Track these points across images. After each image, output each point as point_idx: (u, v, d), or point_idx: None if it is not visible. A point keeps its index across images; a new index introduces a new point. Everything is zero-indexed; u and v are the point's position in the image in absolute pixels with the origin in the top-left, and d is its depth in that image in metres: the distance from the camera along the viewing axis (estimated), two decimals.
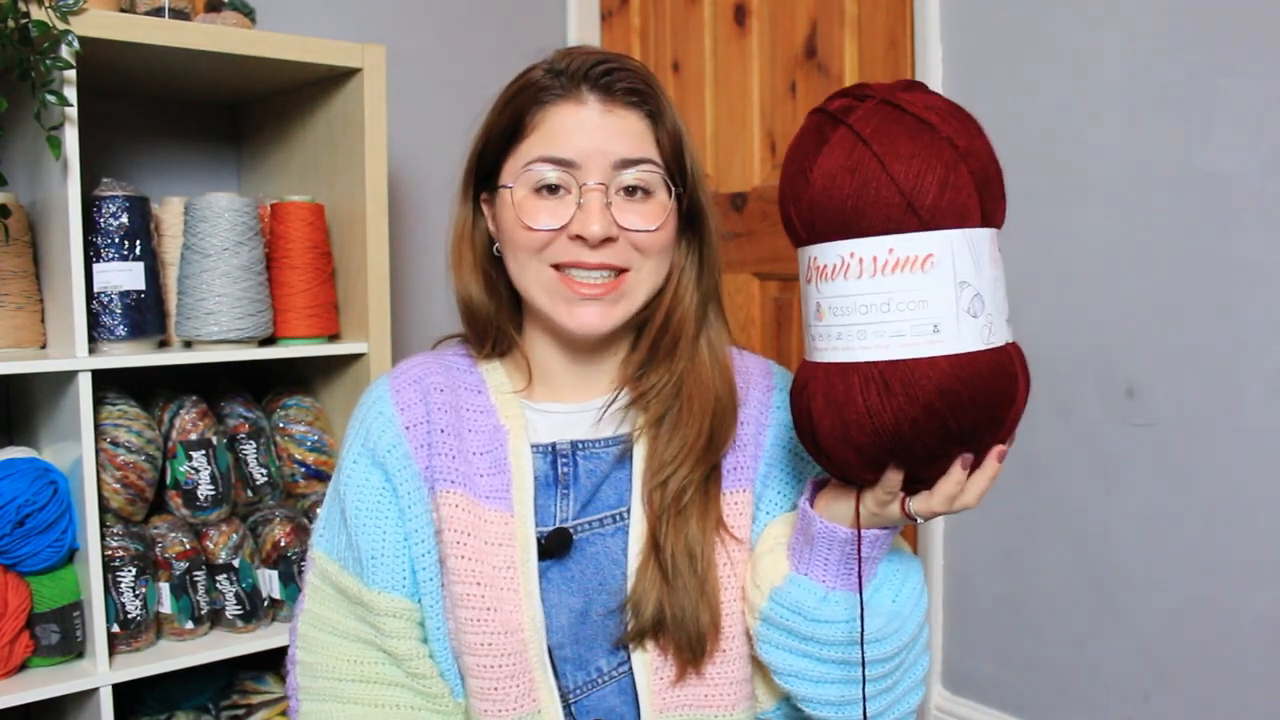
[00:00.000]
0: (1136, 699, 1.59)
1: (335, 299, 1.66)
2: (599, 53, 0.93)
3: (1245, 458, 1.45)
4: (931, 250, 0.73)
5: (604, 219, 0.89)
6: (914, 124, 0.75)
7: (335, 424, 1.69)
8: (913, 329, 0.74)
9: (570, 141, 0.89)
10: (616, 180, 0.90)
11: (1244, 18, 1.42)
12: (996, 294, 0.76)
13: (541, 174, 0.90)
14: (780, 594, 0.87)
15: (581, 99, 0.90)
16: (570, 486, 0.96)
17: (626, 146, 0.90)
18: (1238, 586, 1.47)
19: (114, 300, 1.45)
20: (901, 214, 0.73)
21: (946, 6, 1.77)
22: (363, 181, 1.58)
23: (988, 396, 0.75)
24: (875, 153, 0.74)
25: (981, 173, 0.75)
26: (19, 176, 1.49)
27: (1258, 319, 1.43)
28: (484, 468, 0.94)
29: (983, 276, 0.75)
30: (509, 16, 2.24)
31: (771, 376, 1.03)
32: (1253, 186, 1.43)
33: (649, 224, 0.91)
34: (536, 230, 0.90)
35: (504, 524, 0.92)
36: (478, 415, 0.97)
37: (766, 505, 0.97)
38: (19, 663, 1.38)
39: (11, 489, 1.35)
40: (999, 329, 0.76)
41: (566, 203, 0.90)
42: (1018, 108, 1.69)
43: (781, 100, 2.08)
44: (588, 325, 0.91)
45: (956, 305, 0.74)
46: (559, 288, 0.91)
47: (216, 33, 1.45)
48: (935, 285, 0.73)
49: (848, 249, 0.75)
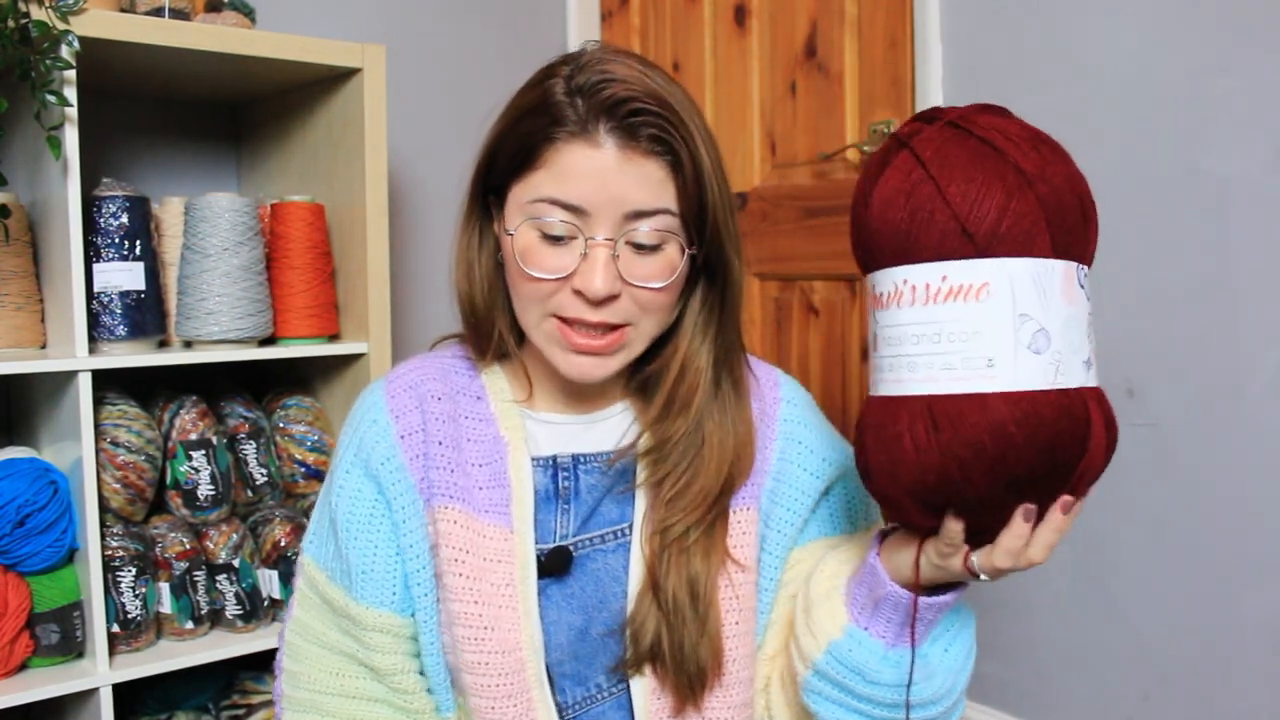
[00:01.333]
0: (1136, 699, 1.59)
1: (335, 299, 1.66)
2: (624, 81, 0.82)
3: (1245, 458, 1.45)
4: (987, 279, 0.68)
5: (608, 275, 0.83)
6: (978, 146, 0.71)
7: (335, 424, 1.69)
8: (964, 361, 0.69)
9: (580, 187, 0.82)
10: (626, 233, 0.83)
11: (1244, 18, 1.42)
12: (1070, 333, 0.70)
13: (547, 218, 0.83)
14: (839, 650, 0.83)
15: (597, 140, 0.82)
16: (571, 501, 0.92)
17: (641, 197, 0.83)
18: (1238, 586, 1.47)
19: (114, 300, 1.45)
20: (956, 240, 0.69)
21: (946, 6, 1.77)
22: (363, 181, 1.58)
23: (1049, 441, 0.68)
24: (932, 175, 0.70)
25: (1054, 201, 0.70)
26: (19, 176, 1.49)
27: (1258, 319, 1.43)
28: (483, 480, 0.90)
29: (1050, 311, 0.69)
30: (509, 16, 2.24)
31: (779, 388, 0.99)
32: (1253, 186, 1.43)
33: (654, 279, 0.85)
34: (539, 279, 0.85)
35: (503, 540, 0.89)
36: (477, 424, 0.93)
37: (776, 523, 0.94)
38: (19, 663, 1.38)
39: (11, 489, 1.35)
40: (1071, 370, 0.70)
41: (571, 250, 0.84)
42: (1018, 108, 1.68)
43: (781, 100, 2.08)
44: (583, 375, 0.87)
45: (1015, 339, 0.68)
46: (556, 336, 0.86)
47: (216, 33, 1.45)
48: (991, 316, 0.68)
49: (901, 276, 0.71)
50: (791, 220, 2.04)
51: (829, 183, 1.99)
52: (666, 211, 0.84)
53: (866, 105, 1.92)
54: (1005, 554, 0.73)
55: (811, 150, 2.02)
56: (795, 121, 2.05)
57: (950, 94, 1.78)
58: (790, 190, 2.05)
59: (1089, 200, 0.73)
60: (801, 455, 0.96)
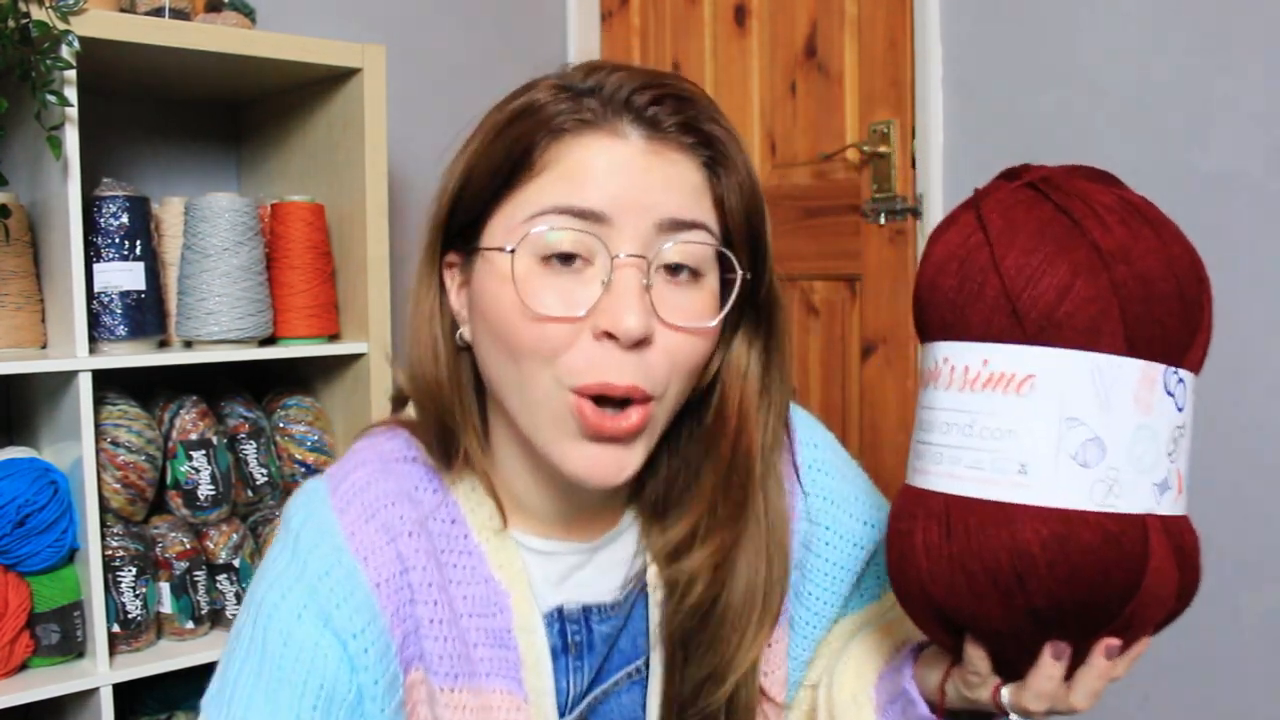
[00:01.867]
0: (1136, 699, 1.59)
1: (335, 299, 1.66)
2: (642, 72, 0.66)
3: (1245, 457, 1.45)
4: (1033, 371, 0.57)
5: (643, 307, 0.62)
6: (1052, 214, 0.60)
7: (335, 424, 1.69)
8: (993, 463, 0.58)
9: (599, 186, 0.63)
10: (658, 253, 0.63)
11: (1244, 18, 1.42)
12: (1140, 447, 0.58)
13: (554, 231, 0.63)
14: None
15: (619, 131, 0.64)
16: (584, 656, 0.74)
17: (677, 203, 0.64)
18: (1238, 586, 1.47)
19: (114, 300, 1.45)
20: (1004, 319, 0.58)
21: (946, 6, 1.77)
22: (363, 181, 1.58)
23: (1086, 572, 0.57)
24: (990, 241, 0.60)
25: (1137, 288, 0.58)
26: (19, 176, 1.49)
27: (1258, 319, 1.43)
28: (480, 636, 0.70)
29: (1111, 418, 0.57)
30: (509, 16, 2.24)
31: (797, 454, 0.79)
32: (1253, 186, 1.43)
33: (698, 319, 0.64)
34: (548, 319, 0.62)
35: (515, 709, 0.70)
36: (461, 560, 0.70)
37: (801, 627, 0.79)
38: (19, 663, 1.37)
39: (11, 489, 1.35)
40: (1131, 492, 0.58)
41: (586, 279, 0.63)
42: (1018, 108, 1.69)
43: (781, 100, 2.08)
44: (600, 476, 0.64)
45: (1058, 446, 0.57)
46: (572, 420, 0.63)
47: (216, 33, 1.45)
48: (1031, 415, 0.57)
49: (943, 353, 0.61)
50: (791, 220, 2.04)
51: (829, 183, 1.99)
52: (704, 226, 0.65)
53: (866, 105, 1.92)
54: (1036, 697, 0.61)
55: (811, 150, 2.02)
56: (795, 121, 2.05)
57: (950, 94, 1.78)
58: (790, 190, 2.05)
59: (1195, 293, 0.60)
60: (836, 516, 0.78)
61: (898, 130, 1.85)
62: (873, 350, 1.89)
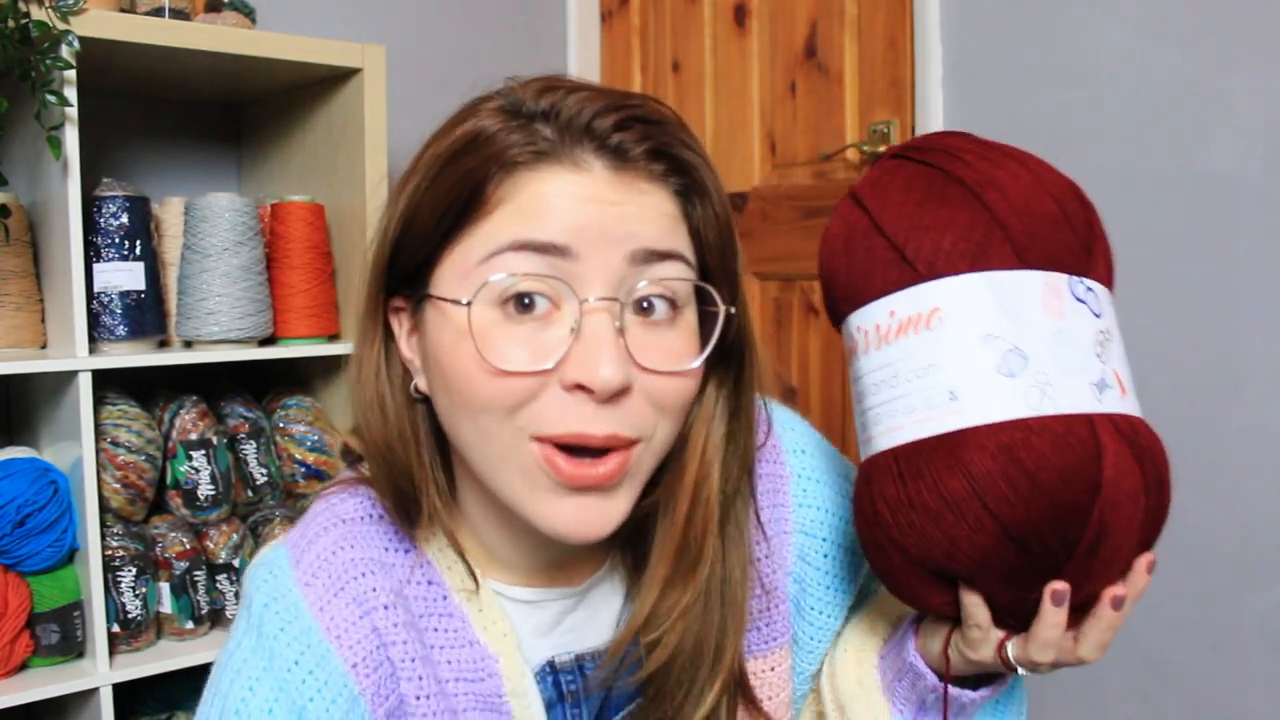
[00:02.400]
0: (1136, 699, 1.59)
1: (335, 299, 1.66)
2: (603, 92, 0.59)
3: (1245, 458, 1.45)
4: (937, 303, 0.58)
5: (618, 356, 0.56)
6: (917, 169, 0.62)
7: (335, 424, 1.69)
8: (925, 401, 0.58)
9: (561, 220, 0.56)
10: (631, 288, 0.58)
11: (1244, 18, 1.42)
12: (1063, 350, 0.59)
13: (513, 273, 0.56)
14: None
15: (580, 162, 0.58)
16: (581, 705, 0.70)
17: (650, 233, 0.58)
18: (1237, 586, 1.47)
19: (114, 300, 1.45)
20: (897, 269, 0.60)
21: (946, 6, 1.77)
22: (363, 181, 1.58)
23: (1046, 479, 0.56)
24: (867, 209, 0.62)
25: (1013, 207, 0.60)
26: (19, 176, 1.49)
27: (1258, 319, 1.43)
28: (468, 701, 0.65)
29: (1024, 327, 0.58)
30: (509, 16, 2.24)
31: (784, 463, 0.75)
32: (1253, 186, 1.43)
33: (678, 361, 0.59)
34: (509, 374, 0.56)
35: None
36: (441, 623, 0.65)
37: (806, 643, 0.76)
38: (19, 663, 1.37)
39: (11, 489, 1.35)
40: (1066, 393, 0.58)
41: (552, 326, 0.57)
42: (1018, 108, 1.69)
43: (781, 100, 2.08)
44: (580, 531, 0.59)
45: (980, 363, 0.57)
46: (541, 472, 0.58)
47: (216, 33, 1.45)
48: (947, 343, 0.58)
49: (855, 324, 0.62)
50: (791, 220, 2.04)
51: (829, 183, 1.99)
52: (681, 258, 0.60)
53: (866, 105, 1.92)
54: (1042, 647, 0.60)
55: (811, 150, 2.02)
56: (795, 121, 2.05)
57: (950, 94, 1.78)
58: (790, 190, 2.05)
59: (1078, 208, 0.63)
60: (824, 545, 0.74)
61: (898, 130, 1.85)
62: None
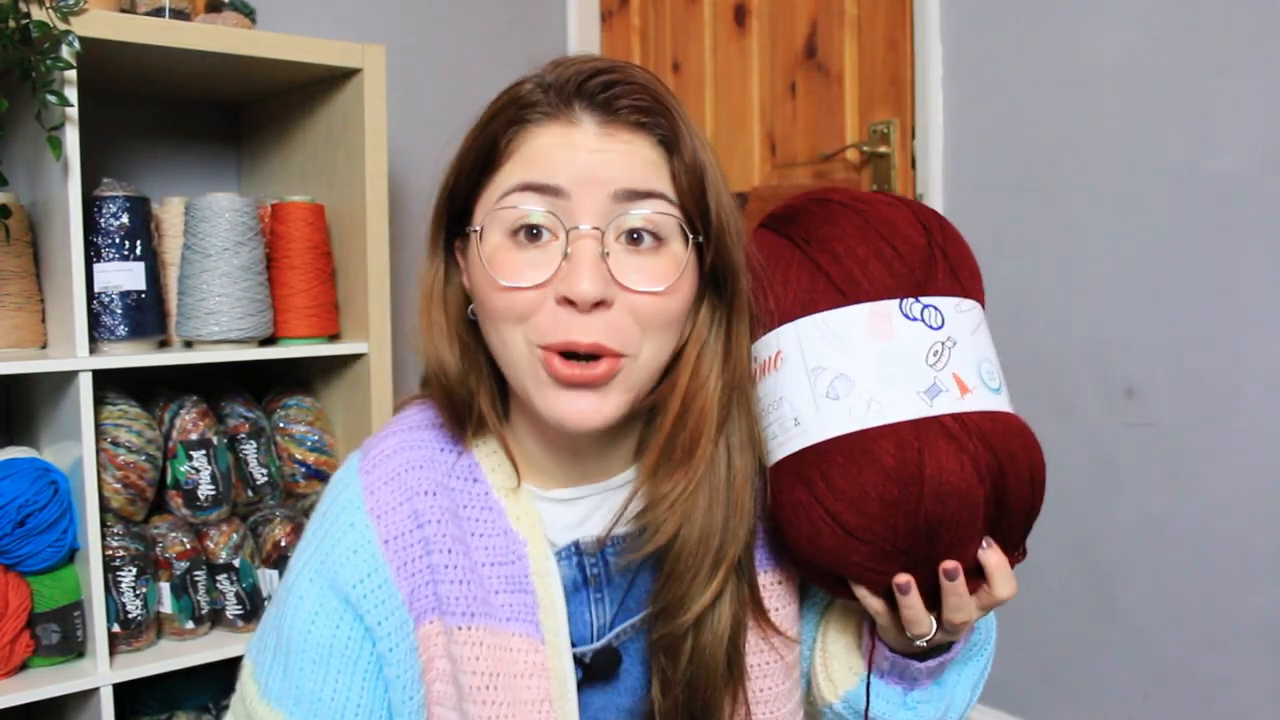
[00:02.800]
0: (1136, 699, 1.59)
1: (335, 299, 1.66)
2: (597, 61, 0.74)
3: (1245, 458, 1.45)
4: (780, 347, 0.73)
5: (597, 274, 0.68)
6: (766, 236, 0.77)
7: (335, 424, 1.69)
8: (781, 428, 0.73)
9: (556, 165, 0.70)
10: (617, 222, 0.70)
11: (1244, 18, 1.42)
12: (885, 369, 0.69)
13: (519, 208, 0.70)
14: (855, 700, 0.80)
15: (573, 119, 0.71)
16: (603, 589, 0.80)
17: (631, 175, 0.70)
18: (1237, 586, 1.47)
19: (114, 300, 1.45)
20: (756, 327, 0.75)
21: (946, 6, 1.77)
22: (363, 181, 1.58)
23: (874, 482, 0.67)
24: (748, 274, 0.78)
25: (833, 256, 0.72)
26: (19, 177, 1.49)
27: (1258, 319, 1.43)
28: (499, 583, 0.77)
29: (850, 355, 0.70)
30: (509, 16, 2.24)
31: None
32: (1253, 186, 1.43)
33: (656, 283, 0.71)
34: (513, 289, 0.70)
35: (533, 652, 0.77)
36: (481, 514, 0.78)
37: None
38: (19, 663, 1.38)
39: (12, 489, 1.35)
40: (890, 405, 0.68)
41: (551, 252, 0.70)
42: (1018, 108, 1.69)
43: (781, 100, 2.08)
44: (576, 419, 0.71)
45: (812, 393, 0.70)
46: (540, 371, 0.71)
47: (216, 33, 1.45)
48: (788, 379, 0.72)
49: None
50: None
51: (829, 183, 1.99)
52: (661, 196, 0.71)
53: (866, 105, 1.92)
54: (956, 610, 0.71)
55: (811, 150, 2.02)
56: (795, 121, 2.05)
57: (950, 94, 1.78)
58: (790, 190, 2.05)
59: (911, 236, 0.73)
60: None
61: (898, 130, 1.85)
62: None
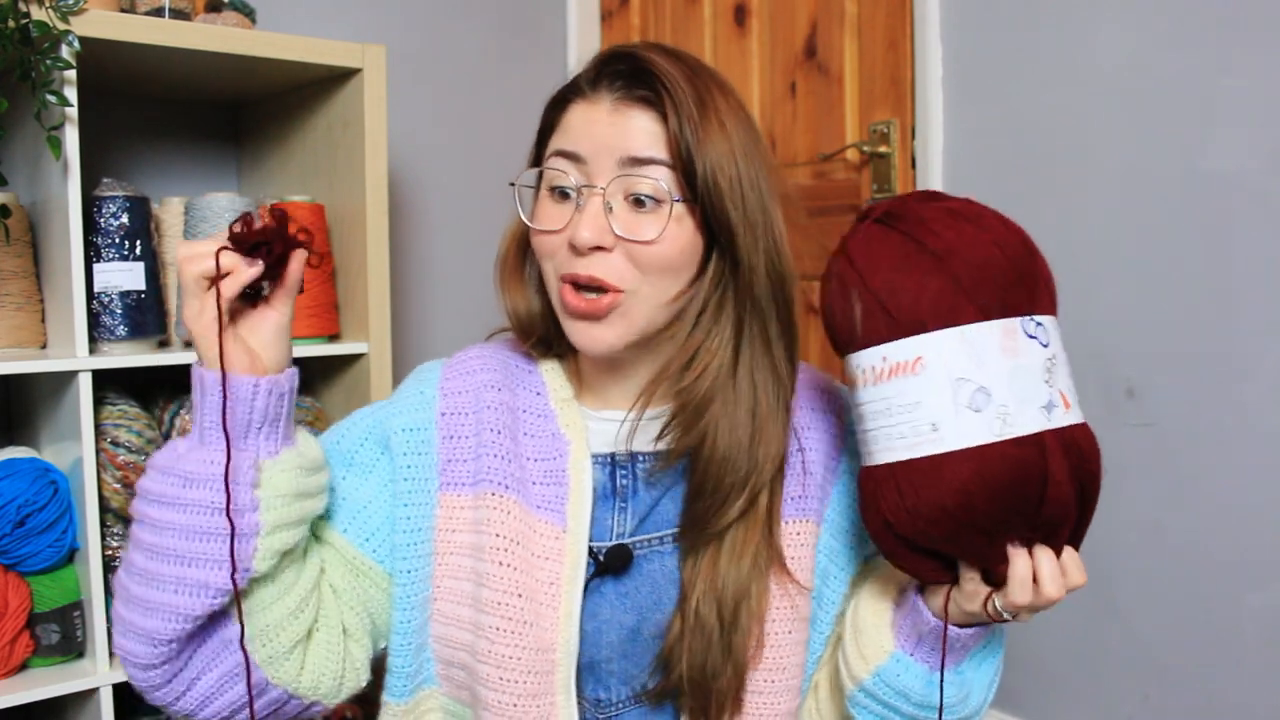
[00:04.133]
0: (1136, 699, 1.59)
1: (335, 299, 1.66)
2: (625, 47, 0.87)
3: (1245, 458, 1.45)
4: (920, 354, 0.76)
5: (596, 225, 0.83)
6: (896, 238, 0.79)
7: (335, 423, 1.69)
8: (913, 430, 0.76)
9: (580, 136, 0.85)
10: (623, 184, 0.84)
11: (1245, 17, 1.42)
12: (1017, 384, 0.75)
13: (555, 170, 0.86)
14: (887, 674, 0.85)
15: (596, 96, 0.86)
16: (628, 500, 0.91)
17: (633, 145, 0.84)
18: (1237, 586, 1.47)
19: (114, 300, 1.45)
20: (885, 325, 0.77)
21: (946, 6, 1.77)
22: (363, 181, 1.58)
23: (1005, 488, 0.74)
24: (859, 270, 0.79)
25: (973, 272, 0.76)
26: (19, 176, 1.49)
27: (1258, 319, 1.43)
28: (538, 475, 0.89)
29: (987, 369, 0.75)
30: (509, 16, 2.24)
31: (843, 399, 0.98)
32: (1253, 186, 1.43)
33: (645, 234, 0.83)
34: (543, 232, 0.86)
35: (554, 538, 0.88)
36: (535, 419, 0.92)
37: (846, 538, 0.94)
38: (19, 663, 1.38)
39: (12, 489, 1.35)
40: (1020, 419, 0.75)
41: (572, 206, 0.86)
42: (1018, 108, 1.69)
43: (781, 100, 2.08)
44: (586, 343, 0.86)
45: (954, 402, 0.75)
46: (559, 300, 0.86)
47: (216, 33, 1.45)
48: (928, 386, 0.75)
49: (855, 363, 0.80)
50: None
51: (829, 183, 1.99)
52: (659, 162, 0.84)
53: (866, 105, 1.92)
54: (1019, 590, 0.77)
55: (811, 150, 2.02)
56: (795, 121, 2.05)
57: (950, 94, 1.78)
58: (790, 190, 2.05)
59: (1025, 257, 0.78)
60: None
61: (898, 130, 1.85)
62: None
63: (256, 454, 0.79)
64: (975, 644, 0.86)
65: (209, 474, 0.76)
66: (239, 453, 0.77)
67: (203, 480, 0.76)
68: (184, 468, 0.77)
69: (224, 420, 0.76)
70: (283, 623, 0.81)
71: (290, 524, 0.80)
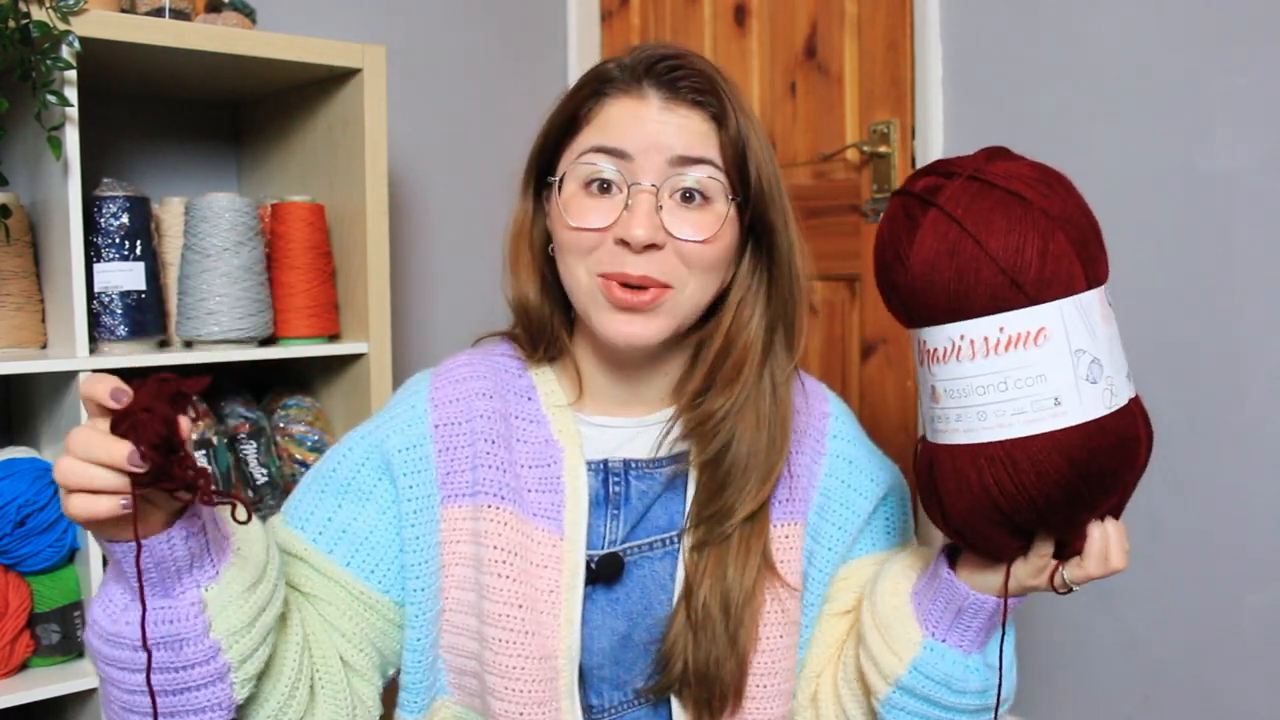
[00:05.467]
0: (1136, 699, 1.59)
1: (335, 299, 1.66)
2: (666, 48, 0.88)
3: (1245, 458, 1.45)
4: (1044, 324, 0.72)
5: (651, 223, 0.82)
6: (1005, 197, 0.74)
7: (335, 424, 1.69)
8: (1034, 405, 0.72)
9: (625, 133, 0.84)
10: (672, 182, 0.84)
11: (1245, 17, 1.42)
12: (1113, 353, 0.75)
13: (593, 166, 0.85)
14: (924, 665, 0.84)
15: (642, 93, 0.85)
16: (621, 507, 0.91)
17: (685, 144, 0.84)
18: (1237, 586, 1.47)
19: (114, 300, 1.45)
20: (1007, 291, 0.72)
21: (946, 6, 1.77)
22: (363, 181, 1.58)
23: (1115, 463, 0.74)
24: (970, 232, 0.73)
25: (1079, 235, 0.74)
26: (20, 177, 1.49)
27: (1258, 319, 1.43)
28: (533, 483, 0.89)
29: (1098, 340, 0.74)
30: (509, 16, 2.24)
31: (828, 403, 0.99)
32: (1253, 186, 1.43)
33: (699, 233, 0.84)
34: (582, 230, 0.85)
35: (552, 546, 0.88)
36: (528, 425, 0.91)
37: (826, 540, 0.94)
38: (19, 663, 1.38)
39: (12, 489, 1.35)
40: (1120, 389, 0.74)
41: (616, 203, 0.84)
42: (1018, 108, 1.69)
43: (781, 100, 2.08)
44: (625, 337, 0.85)
45: (1075, 375, 0.72)
46: (598, 295, 0.85)
47: (216, 33, 1.45)
48: (1051, 358, 0.72)
49: (957, 332, 0.74)
50: None
51: (829, 183, 1.99)
52: (710, 162, 0.84)
53: (866, 105, 1.92)
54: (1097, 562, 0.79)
55: (811, 150, 2.02)
56: (795, 121, 2.05)
57: (950, 94, 1.78)
58: (790, 190, 2.04)
59: (1097, 223, 0.77)
60: (851, 474, 0.96)
61: (898, 130, 1.85)
62: (873, 350, 1.89)
63: (198, 588, 0.72)
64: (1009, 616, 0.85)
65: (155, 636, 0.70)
66: (178, 600, 0.71)
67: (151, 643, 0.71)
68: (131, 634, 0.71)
69: (141, 594, 0.69)
70: (284, 707, 0.81)
71: (256, 646, 0.76)
